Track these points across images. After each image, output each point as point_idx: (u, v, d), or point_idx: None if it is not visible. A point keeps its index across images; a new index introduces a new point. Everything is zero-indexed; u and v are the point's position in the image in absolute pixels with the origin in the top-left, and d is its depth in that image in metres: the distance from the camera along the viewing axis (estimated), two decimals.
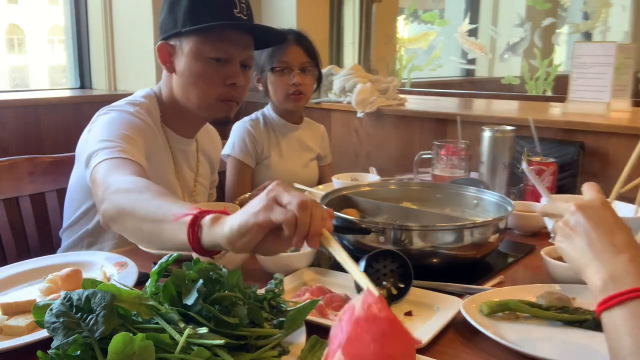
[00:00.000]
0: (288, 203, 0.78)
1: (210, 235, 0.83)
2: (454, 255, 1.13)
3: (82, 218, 1.46)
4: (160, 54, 1.39)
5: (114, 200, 1.03)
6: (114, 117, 1.34)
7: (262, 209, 0.79)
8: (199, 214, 0.85)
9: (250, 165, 2.00)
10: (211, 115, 1.43)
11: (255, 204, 0.80)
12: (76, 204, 1.46)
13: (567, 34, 4.51)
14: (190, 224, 0.85)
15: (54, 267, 1.10)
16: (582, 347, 0.86)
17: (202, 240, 0.84)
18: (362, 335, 0.58)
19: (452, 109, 2.56)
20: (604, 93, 2.07)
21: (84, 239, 1.47)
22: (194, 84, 1.36)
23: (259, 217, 0.78)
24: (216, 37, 1.33)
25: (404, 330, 0.60)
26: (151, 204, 0.97)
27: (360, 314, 0.59)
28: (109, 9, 2.87)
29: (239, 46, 1.36)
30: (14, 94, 2.56)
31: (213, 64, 1.34)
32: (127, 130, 1.29)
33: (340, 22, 3.44)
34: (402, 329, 0.60)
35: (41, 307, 0.74)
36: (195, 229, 0.85)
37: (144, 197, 1.00)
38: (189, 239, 0.84)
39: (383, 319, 0.59)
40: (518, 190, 1.71)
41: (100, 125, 1.32)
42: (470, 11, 5.27)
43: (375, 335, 0.58)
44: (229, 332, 0.75)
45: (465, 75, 5.14)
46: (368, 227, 1.11)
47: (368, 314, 0.59)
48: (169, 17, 1.35)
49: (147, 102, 1.43)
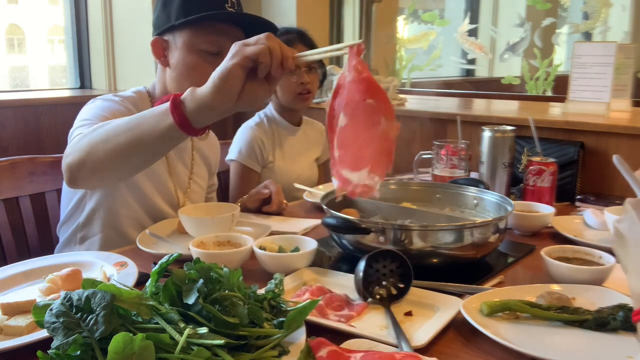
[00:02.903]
0: (256, 40, 0.89)
1: (195, 99, 0.90)
2: (454, 255, 1.13)
3: (75, 211, 1.48)
4: (154, 49, 1.43)
5: (78, 146, 1.03)
6: (97, 104, 1.38)
7: (236, 52, 0.88)
8: (176, 94, 0.93)
9: (256, 171, 1.99)
10: None
11: (229, 53, 0.89)
12: (69, 196, 1.48)
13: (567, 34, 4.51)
14: (172, 102, 0.90)
15: (54, 267, 1.10)
16: (582, 347, 0.86)
17: (187, 111, 0.90)
18: (354, 95, 0.81)
19: (452, 109, 2.56)
20: (604, 93, 2.07)
21: (77, 233, 1.49)
22: (187, 75, 1.39)
23: (235, 58, 0.87)
24: (208, 29, 1.37)
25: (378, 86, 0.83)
26: (121, 122, 1.00)
27: (351, 77, 0.82)
28: (109, 9, 2.87)
29: (230, 39, 1.37)
30: (14, 94, 2.56)
31: (206, 56, 1.38)
32: (107, 114, 1.31)
33: (340, 22, 3.43)
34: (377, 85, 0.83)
35: (41, 307, 0.74)
36: (179, 104, 0.90)
37: (111, 124, 1.02)
38: (174, 117, 0.90)
39: (364, 80, 0.81)
40: (518, 190, 1.71)
41: (83, 111, 1.36)
42: (470, 11, 5.27)
43: (362, 93, 0.81)
44: (229, 332, 0.74)
45: (465, 75, 5.14)
46: (368, 227, 1.11)
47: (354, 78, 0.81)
48: (163, 13, 1.40)
49: (135, 97, 1.47)
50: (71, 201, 1.47)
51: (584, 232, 1.43)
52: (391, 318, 0.91)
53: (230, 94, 0.88)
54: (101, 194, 1.44)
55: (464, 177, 1.65)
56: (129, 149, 0.98)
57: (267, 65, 0.89)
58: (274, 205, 1.57)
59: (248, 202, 1.60)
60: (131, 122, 0.98)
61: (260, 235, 1.31)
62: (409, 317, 0.94)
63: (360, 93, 0.82)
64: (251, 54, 0.88)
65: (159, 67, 1.48)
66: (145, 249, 1.25)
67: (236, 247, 1.17)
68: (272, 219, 1.53)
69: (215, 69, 0.93)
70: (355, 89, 0.81)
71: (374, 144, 0.82)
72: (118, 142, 0.98)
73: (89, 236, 1.48)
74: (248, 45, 0.89)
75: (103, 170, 1.03)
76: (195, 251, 1.12)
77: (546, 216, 1.43)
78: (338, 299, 0.97)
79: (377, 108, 0.82)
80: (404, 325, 0.89)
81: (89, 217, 1.46)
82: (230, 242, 1.21)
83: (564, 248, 1.17)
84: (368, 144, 0.82)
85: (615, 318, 0.88)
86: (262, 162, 2.00)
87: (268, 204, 1.59)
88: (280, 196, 1.60)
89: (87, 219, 1.46)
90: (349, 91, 0.82)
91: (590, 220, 1.47)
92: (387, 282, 1.01)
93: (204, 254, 1.10)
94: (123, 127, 0.98)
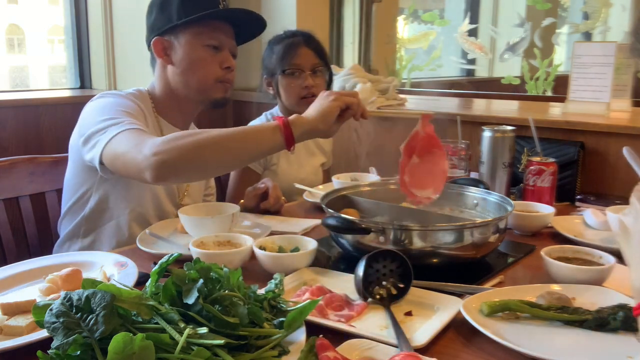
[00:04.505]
0: (350, 94, 1.26)
1: (302, 123, 1.20)
2: (454, 255, 1.13)
3: (77, 204, 1.49)
4: (156, 49, 1.50)
5: (175, 147, 1.14)
6: (108, 100, 1.42)
7: (336, 98, 1.23)
8: (281, 118, 1.21)
9: (257, 172, 1.98)
10: (210, 97, 1.53)
11: (329, 96, 1.24)
12: (72, 190, 1.50)
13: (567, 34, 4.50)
14: (282, 123, 1.19)
15: (54, 267, 1.10)
16: (582, 347, 0.86)
17: (295, 132, 1.19)
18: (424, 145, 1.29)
19: (452, 109, 2.56)
20: (604, 93, 2.06)
21: (81, 227, 1.50)
22: (194, 69, 1.49)
23: (337, 102, 1.22)
24: (208, 27, 1.48)
25: (438, 140, 1.29)
26: (230, 132, 1.19)
27: (423, 134, 1.28)
28: (109, 9, 2.87)
29: (228, 35, 1.52)
30: (14, 94, 2.56)
31: (210, 50, 1.49)
32: (126, 109, 1.38)
33: (340, 22, 3.43)
34: (438, 140, 1.30)
35: (41, 307, 0.74)
36: (288, 125, 1.18)
37: (215, 132, 1.18)
38: (285, 135, 1.18)
39: (431, 137, 1.28)
40: (518, 190, 1.70)
41: (95, 109, 1.39)
42: (470, 11, 5.26)
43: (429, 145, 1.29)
44: (229, 332, 0.74)
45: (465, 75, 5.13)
46: (368, 227, 1.11)
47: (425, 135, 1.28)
48: (161, 16, 1.48)
49: (137, 94, 1.52)
50: (76, 193, 1.49)
51: (584, 232, 1.43)
52: (391, 318, 0.91)
53: (329, 123, 1.22)
54: (110, 186, 1.45)
55: (464, 177, 1.65)
56: (236, 155, 1.20)
57: (354, 111, 1.24)
58: (271, 199, 1.57)
59: (246, 200, 1.60)
60: (242, 133, 1.19)
61: (260, 235, 1.31)
62: (409, 317, 0.95)
63: (428, 146, 1.29)
64: (348, 102, 1.23)
65: (158, 66, 1.53)
66: (145, 249, 1.25)
67: (236, 247, 1.17)
68: (272, 219, 1.53)
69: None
70: (426, 143, 1.29)
71: (434, 175, 1.30)
72: (229, 148, 1.18)
73: (94, 229, 1.50)
74: (345, 96, 1.24)
75: (202, 170, 1.23)
76: (195, 251, 1.12)
77: (546, 216, 1.43)
78: (338, 299, 0.97)
79: (437, 154, 1.30)
80: (404, 325, 0.89)
81: (94, 210, 1.48)
82: (230, 242, 1.21)
83: (564, 248, 1.17)
84: (431, 176, 1.30)
85: (615, 318, 0.88)
86: (264, 163, 2.00)
87: (266, 200, 1.58)
88: (277, 191, 1.60)
89: (92, 212, 1.48)
90: (422, 142, 1.29)
91: (590, 220, 1.46)
92: (387, 282, 1.01)
93: (204, 254, 1.10)
94: (233, 135, 1.19)
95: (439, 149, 1.30)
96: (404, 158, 1.29)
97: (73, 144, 1.44)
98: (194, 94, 1.52)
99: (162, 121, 1.54)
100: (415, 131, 1.28)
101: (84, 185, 1.47)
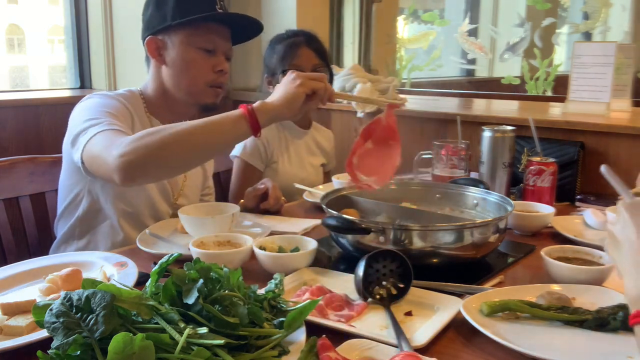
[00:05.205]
0: (317, 77, 1.22)
1: (267, 110, 1.17)
2: (454, 255, 1.13)
3: (71, 205, 1.49)
4: (149, 48, 1.48)
5: (139, 146, 1.12)
6: (94, 101, 1.41)
7: (302, 82, 1.19)
8: (244, 105, 1.18)
9: (259, 169, 1.98)
10: (200, 101, 1.51)
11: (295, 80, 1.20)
12: (65, 192, 1.50)
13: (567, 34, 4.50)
14: (247, 111, 1.16)
15: (54, 267, 1.10)
16: (582, 347, 0.86)
17: (260, 118, 1.16)
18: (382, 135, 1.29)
19: (452, 109, 2.56)
20: (604, 93, 2.06)
21: (75, 228, 1.50)
22: (185, 71, 1.47)
23: (302, 87, 1.19)
24: (203, 29, 1.45)
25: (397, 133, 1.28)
26: (192, 124, 1.16)
27: (385, 124, 1.28)
28: (109, 9, 2.87)
29: (223, 38, 1.49)
30: (14, 94, 2.56)
31: (203, 53, 1.46)
32: (109, 109, 1.36)
33: (340, 22, 3.43)
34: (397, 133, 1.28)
35: (41, 307, 0.74)
36: (253, 113, 1.16)
37: (177, 127, 1.15)
38: (250, 122, 1.16)
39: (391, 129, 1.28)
40: (518, 190, 1.71)
41: (81, 109, 1.39)
42: (470, 11, 5.26)
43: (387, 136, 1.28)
44: (229, 332, 0.74)
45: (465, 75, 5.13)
46: (368, 227, 1.11)
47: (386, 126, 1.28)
48: (157, 14, 1.45)
49: (127, 94, 1.50)
50: (69, 195, 1.48)
51: (584, 232, 1.43)
52: (391, 318, 0.91)
53: (294, 109, 1.20)
54: (99, 187, 1.45)
55: (464, 177, 1.65)
56: (203, 148, 1.18)
57: (320, 96, 1.22)
58: (271, 200, 1.57)
59: (246, 201, 1.60)
60: (206, 125, 1.16)
61: (260, 236, 1.31)
62: (409, 317, 0.95)
63: (386, 136, 1.29)
64: (314, 87, 1.21)
65: (152, 66, 1.52)
66: (145, 249, 1.25)
67: (236, 247, 1.17)
68: (272, 219, 1.53)
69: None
70: (384, 132, 1.29)
71: (383, 166, 1.28)
72: (194, 142, 1.15)
73: (89, 230, 1.49)
74: (311, 80, 1.21)
75: (171, 167, 1.20)
76: (195, 251, 1.12)
77: (546, 216, 1.43)
78: (338, 299, 0.97)
79: (393, 147, 1.29)
80: (404, 325, 0.89)
81: (87, 211, 1.47)
82: (230, 242, 1.21)
83: (564, 248, 1.17)
84: (380, 165, 1.28)
85: (615, 318, 0.88)
86: (266, 160, 2.00)
87: (266, 201, 1.58)
88: (277, 191, 1.60)
89: (85, 213, 1.47)
90: (381, 131, 1.28)
91: (590, 220, 1.47)
92: (387, 282, 1.01)
93: (204, 254, 1.10)
94: (197, 129, 1.15)
95: (395, 142, 1.28)
96: (359, 139, 1.28)
97: (65, 145, 1.44)
98: (184, 96, 1.50)
99: (154, 121, 1.52)
100: (378, 118, 1.28)
101: (76, 186, 1.46)
